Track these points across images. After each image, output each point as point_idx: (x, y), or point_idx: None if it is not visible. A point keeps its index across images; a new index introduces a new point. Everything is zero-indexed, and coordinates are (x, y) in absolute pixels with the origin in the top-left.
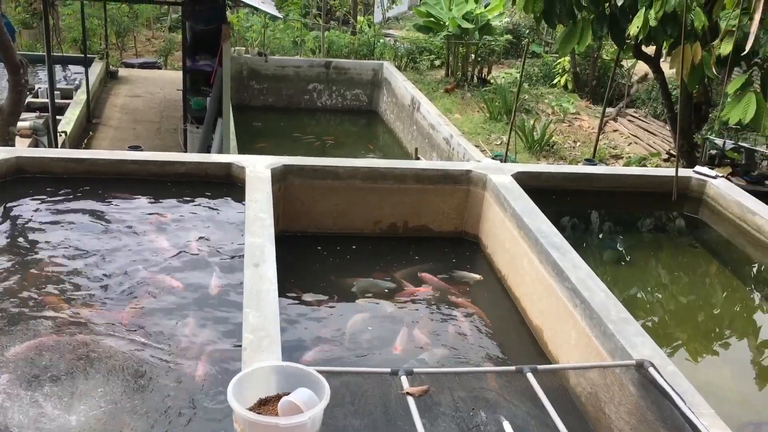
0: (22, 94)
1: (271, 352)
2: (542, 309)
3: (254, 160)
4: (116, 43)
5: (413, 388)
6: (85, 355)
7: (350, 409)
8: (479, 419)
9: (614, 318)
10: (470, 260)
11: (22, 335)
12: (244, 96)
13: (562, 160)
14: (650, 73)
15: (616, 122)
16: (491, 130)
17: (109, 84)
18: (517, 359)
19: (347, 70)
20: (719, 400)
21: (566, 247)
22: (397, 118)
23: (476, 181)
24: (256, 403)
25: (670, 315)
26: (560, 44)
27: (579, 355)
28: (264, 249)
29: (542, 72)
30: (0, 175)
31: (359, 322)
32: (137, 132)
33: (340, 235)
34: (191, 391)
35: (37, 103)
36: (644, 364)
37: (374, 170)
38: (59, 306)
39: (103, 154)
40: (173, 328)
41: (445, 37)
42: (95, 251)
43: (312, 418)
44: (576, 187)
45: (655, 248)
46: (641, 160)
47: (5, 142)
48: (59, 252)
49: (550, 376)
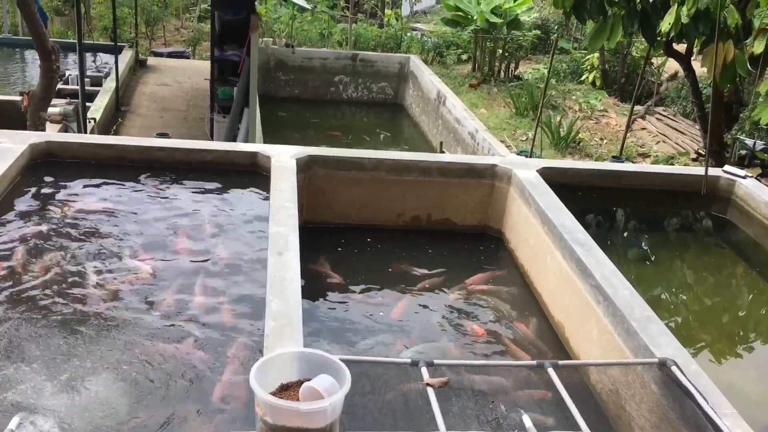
0: (54, 81)
1: (293, 339)
2: (565, 305)
3: (279, 150)
4: (146, 32)
5: (433, 379)
6: (112, 334)
7: (370, 397)
8: (498, 412)
9: (638, 316)
10: (493, 255)
11: (43, 317)
12: (270, 87)
13: (588, 157)
14: (680, 71)
15: (645, 120)
16: (517, 125)
17: (138, 72)
18: (537, 355)
19: (374, 63)
20: (742, 403)
21: (590, 243)
22: (422, 112)
23: (501, 176)
24: (277, 388)
25: (694, 315)
26: (590, 40)
27: (601, 352)
28: (288, 238)
29: (570, 68)
30: (31, 158)
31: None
32: (164, 120)
33: (363, 226)
34: (214, 374)
35: (67, 89)
36: (667, 362)
37: (399, 162)
38: (82, 288)
39: (131, 141)
40: (196, 313)
41: (473, 32)
42: (119, 236)
43: (332, 405)
44: (602, 184)
45: (681, 248)
46: (669, 159)
47: (36, 127)
48: (85, 234)
49: (571, 372)
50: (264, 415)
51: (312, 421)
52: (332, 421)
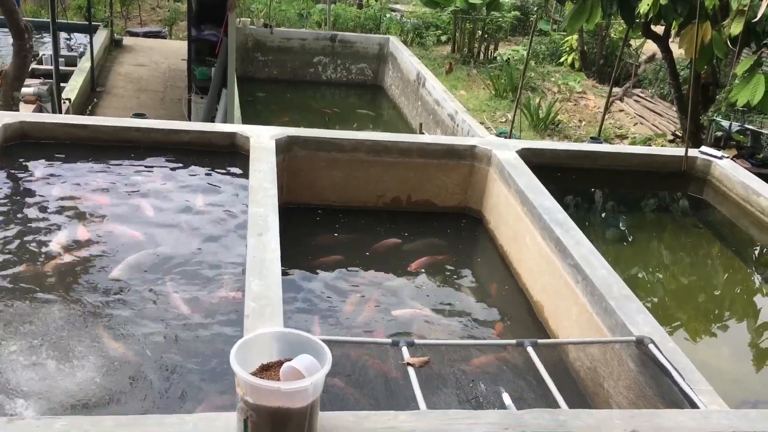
0: (27, 60)
1: (274, 320)
2: (544, 285)
3: (259, 131)
4: (121, 11)
5: (414, 358)
6: (80, 317)
7: (350, 378)
8: (479, 391)
9: (616, 295)
10: (473, 236)
11: (20, 299)
12: (248, 68)
13: (567, 138)
14: (658, 53)
15: (623, 102)
16: (496, 107)
17: (114, 52)
18: (517, 334)
19: (353, 44)
20: (717, 379)
21: (569, 224)
22: (402, 93)
23: (481, 157)
24: (258, 368)
25: (670, 294)
26: (569, 21)
27: (580, 331)
28: (267, 219)
29: (549, 50)
30: (5, 139)
31: (360, 297)
32: (141, 101)
33: (343, 207)
34: (192, 353)
35: (41, 69)
36: (644, 340)
37: (378, 143)
38: (57, 269)
39: (107, 121)
40: (173, 293)
41: (452, 13)
42: (95, 216)
43: (313, 384)
44: (580, 165)
45: (658, 228)
46: (646, 141)
47: (9, 107)
48: (60, 215)
49: (550, 350)
50: (244, 395)
51: (293, 400)
52: (313, 400)
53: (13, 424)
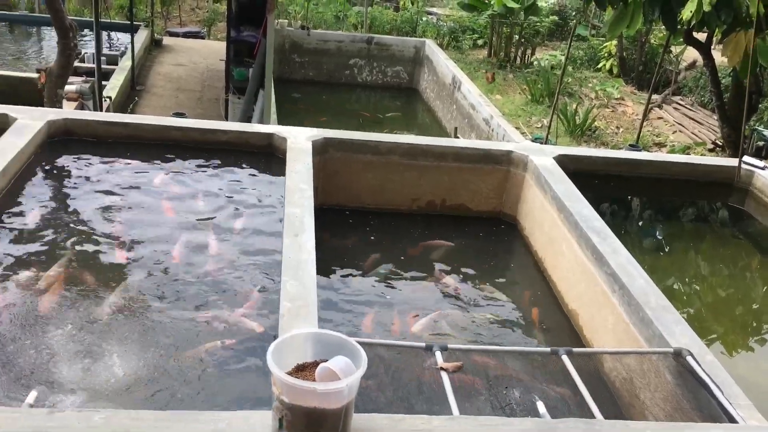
0: (71, 58)
1: (308, 321)
2: (579, 293)
3: (295, 132)
4: (161, 11)
5: (447, 363)
6: (120, 314)
7: (384, 380)
8: (512, 398)
9: (653, 305)
10: (507, 241)
11: (61, 293)
12: (285, 69)
13: (604, 145)
14: (699, 60)
15: (661, 109)
16: (532, 112)
17: (154, 52)
18: (551, 342)
19: (389, 47)
20: (756, 394)
21: (607, 232)
22: (437, 97)
23: (517, 162)
24: (293, 368)
25: (708, 306)
26: (609, 27)
27: (615, 340)
28: (303, 220)
29: (587, 55)
30: (48, 135)
31: (394, 299)
32: (179, 100)
33: (377, 210)
34: (230, 353)
35: (83, 67)
36: (682, 352)
37: (414, 147)
38: (99, 264)
39: (148, 120)
40: (211, 292)
41: (490, 17)
42: (134, 214)
43: (348, 386)
44: (619, 173)
45: (696, 238)
46: (685, 149)
47: (53, 104)
48: (102, 211)
49: (585, 359)
50: (280, 395)
51: (328, 401)
52: (348, 402)
53: (54, 416)
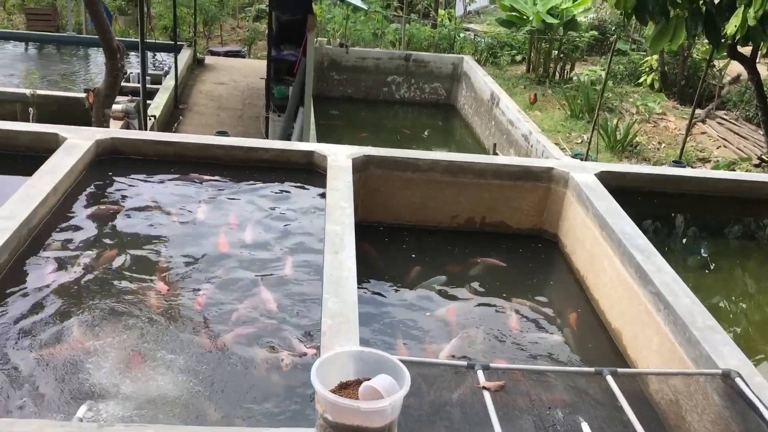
0: (118, 79)
1: (350, 338)
2: (623, 312)
3: (336, 149)
4: (203, 31)
5: (489, 382)
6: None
7: (426, 399)
8: (556, 418)
9: (700, 325)
10: (548, 259)
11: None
12: (324, 86)
13: (646, 161)
14: (743, 74)
15: (705, 124)
16: (572, 128)
17: (196, 71)
18: (594, 362)
19: (427, 63)
20: None
21: (650, 249)
22: (475, 113)
23: (558, 179)
24: (336, 386)
25: (755, 326)
26: (652, 42)
27: (661, 361)
28: (344, 237)
29: (627, 70)
30: (97, 154)
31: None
32: (221, 118)
33: (417, 227)
34: (271, 371)
35: (128, 87)
36: (731, 374)
37: (454, 164)
38: (146, 281)
39: (192, 138)
40: (252, 310)
41: (528, 32)
42: (180, 231)
43: (392, 405)
44: (663, 189)
45: (742, 256)
46: (730, 165)
47: (101, 123)
48: (149, 227)
49: (630, 380)
50: (324, 412)
51: (371, 420)
52: (391, 421)
53: (103, 430)
